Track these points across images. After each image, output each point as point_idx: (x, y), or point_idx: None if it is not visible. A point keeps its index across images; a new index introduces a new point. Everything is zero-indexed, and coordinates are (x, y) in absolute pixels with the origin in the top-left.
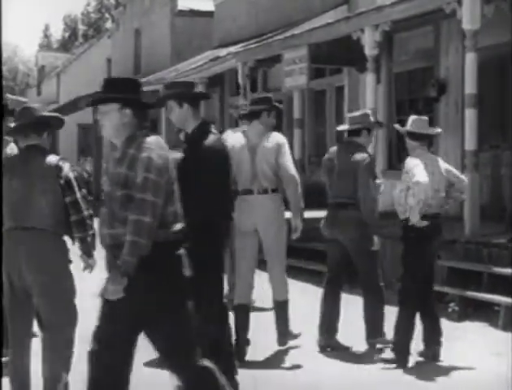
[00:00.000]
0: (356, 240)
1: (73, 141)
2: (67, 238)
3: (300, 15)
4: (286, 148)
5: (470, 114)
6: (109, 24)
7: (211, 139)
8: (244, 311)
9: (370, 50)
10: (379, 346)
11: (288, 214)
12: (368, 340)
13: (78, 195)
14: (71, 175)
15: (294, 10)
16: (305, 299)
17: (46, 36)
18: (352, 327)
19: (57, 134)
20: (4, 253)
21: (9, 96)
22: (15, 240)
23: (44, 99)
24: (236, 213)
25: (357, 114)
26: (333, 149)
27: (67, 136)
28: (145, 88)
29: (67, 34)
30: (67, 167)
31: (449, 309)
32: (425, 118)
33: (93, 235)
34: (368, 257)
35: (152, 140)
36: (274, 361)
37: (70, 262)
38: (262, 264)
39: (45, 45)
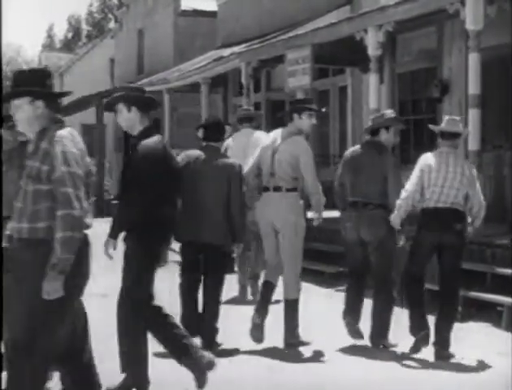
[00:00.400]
0: (385, 239)
1: None
2: None
3: (303, 15)
4: (307, 156)
5: (473, 115)
6: (112, 25)
7: (146, 141)
8: (269, 287)
9: (373, 51)
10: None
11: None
12: (372, 340)
13: None
14: None
15: (297, 11)
16: (307, 299)
17: (50, 36)
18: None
19: None
20: None
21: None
22: None
23: None
24: (257, 208)
25: (376, 115)
26: (355, 148)
27: None
28: (148, 89)
29: (70, 34)
30: None
31: None
32: (457, 118)
33: None
34: (389, 258)
35: (64, 132)
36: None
37: None
38: None
39: (48, 46)
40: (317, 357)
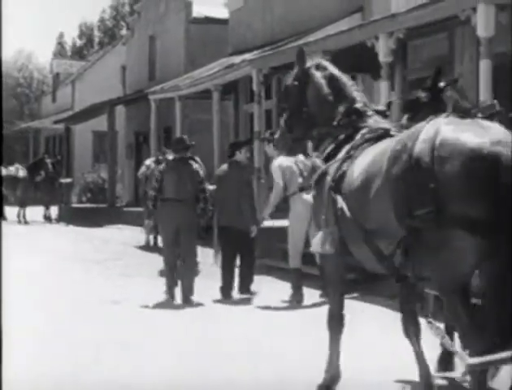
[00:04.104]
0: None
1: (88, 148)
2: None
3: (314, 22)
4: None
5: None
6: (124, 32)
7: None
8: (301, 273)
9: (384, 57)
10: None
11: None
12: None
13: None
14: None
15: (309, 18)
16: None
17: (60, 43)
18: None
19: (72, 141)
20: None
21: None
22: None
23: (59, 106)
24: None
25: None
26: None
27: (81, 142)
28: (159, 96)
29: (82, 41)
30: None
31: None
32: None
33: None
34: None
35: None
36: None
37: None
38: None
39: (59, 53)
40: None
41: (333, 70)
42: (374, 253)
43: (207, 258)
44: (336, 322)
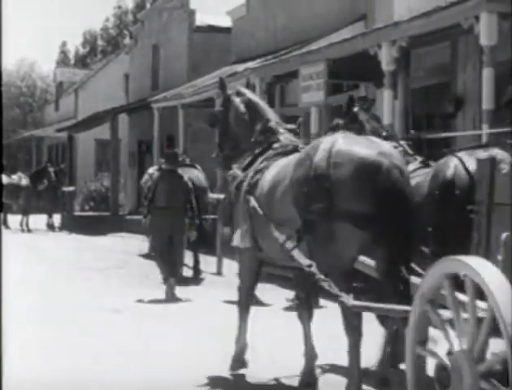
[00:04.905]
0: None
1: (91, 156)
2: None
3: (317, 30)
4: None
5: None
6: (127, 40)
7: None
8: None
9: (387, 66)
10: None
11: None
12: None
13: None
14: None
15: (311, 26)
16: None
17: (63, 52)
18: None
19: (75, 149)
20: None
21: None
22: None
23: (62, 115)
24: None
25: None
26: None
27: (84, 151)
28: (162, 104)
29: (85, 50)
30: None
31: None
32: None
33: None
34: None
35: None
36: None
37: None
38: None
39: (62, 62)
40: None
41: (250, 95)
42: (279, 244)
43: (210, 267)
44: (242, 307)
